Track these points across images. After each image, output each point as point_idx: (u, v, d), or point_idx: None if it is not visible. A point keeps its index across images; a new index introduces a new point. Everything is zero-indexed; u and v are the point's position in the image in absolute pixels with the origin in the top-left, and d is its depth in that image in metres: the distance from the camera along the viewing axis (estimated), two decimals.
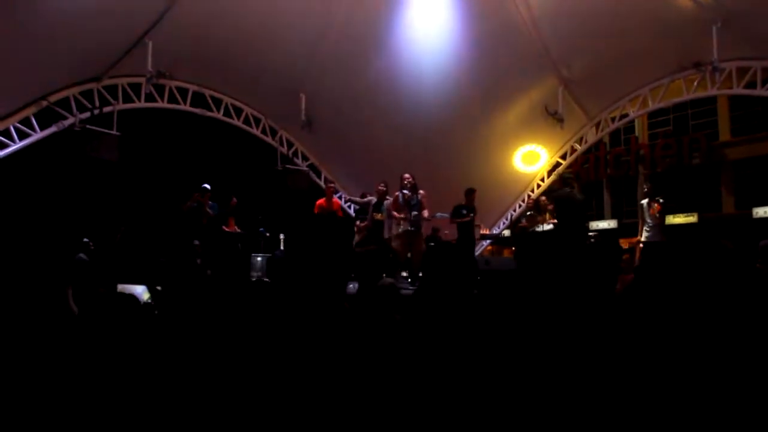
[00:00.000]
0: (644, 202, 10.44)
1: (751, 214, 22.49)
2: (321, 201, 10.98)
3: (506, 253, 19.19)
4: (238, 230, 11.13)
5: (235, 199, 11.50)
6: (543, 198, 11.98)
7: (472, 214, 10.88)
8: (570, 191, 9.60)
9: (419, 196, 9.21)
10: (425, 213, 9.30)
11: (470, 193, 11.05)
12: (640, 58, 12.07)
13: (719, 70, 11.24)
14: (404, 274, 9.58)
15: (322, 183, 15.75)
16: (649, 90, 13.31)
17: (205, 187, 10.30)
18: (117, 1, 9.60)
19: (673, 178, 24.70)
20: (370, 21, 11.98)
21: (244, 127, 14.09)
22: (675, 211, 24.31)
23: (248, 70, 12.51)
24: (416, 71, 12.49)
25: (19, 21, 8.85)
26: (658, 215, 10.12)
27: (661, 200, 10.20)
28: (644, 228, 10.26)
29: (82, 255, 10.24)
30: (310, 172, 15.25)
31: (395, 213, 9.23)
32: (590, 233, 11.81)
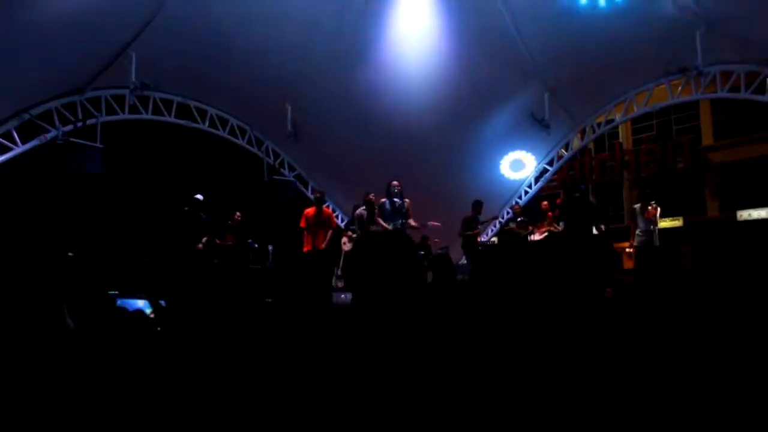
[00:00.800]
0: (637, 206, 10.39)
1: (735, 217, 22.69)
2: (310, 210, 10.24)
3: None
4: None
5: (239, 215, 11.33)
6: (544, 203, 11.93)
7: (481, 225, 11.06)
8: (580, 195, 9.53)
9: (406, 204, 9.15)
10: (411, 221, 9.22)
11: (477, 205, 11.08)
12: (626, 64, 12.13)
13: (703, 74, 11.33)
14: None
15: (309, 193, 15.67)
16: (634, 95, 13.38)
17: (197, 198, 10.00)
18: (99, 12, 9.47)
19: (657, 183, 24.87)
20: (355, 30, 11.94)
21: (230, 138, 13.99)
22: (660, 216, 24.43)
23: (233, 81, 12.41)
24: (402, 80, 12.47)
25: None
26: (653, 218, 10.11)
27: (654, 203, 10.18)
28: (636, 232, 10.20)
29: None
30: (297, 183, 15.16)
31: (381, 221, 9.13)
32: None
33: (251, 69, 12.02)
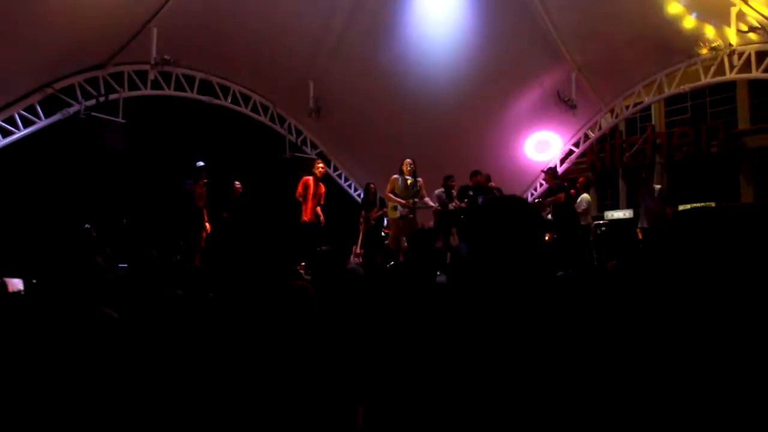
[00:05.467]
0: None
1: None
2: (308, 179, 10.53)
3: None
4: None
5: (239, 185, 11.28)
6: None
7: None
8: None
9: (419, 183, 9.13)
10: (426, 199, 9.23)
11: (474, 174, 10.87)
12: (655, 42, 11.76)
13: (737, 53, 10.93)
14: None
15: (331, 171, 15.63)
16: (664, 75, 12.95)
17: (200, 165, 9.91)
18: None
19: (690, 167, 24.28)
20: (378, 6, 11.83)
21: (252, 114, 13.98)
22: (692, 200, 23.92)
23: (256, 58, 12.39)
24: (426, 57, 12.32)
25: (23, 7, 8.77)
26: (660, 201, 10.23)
27: (658, 186, 10.34)
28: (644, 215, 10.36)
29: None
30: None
31: (391, 195, 9.09)
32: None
33: (274, 45, 11.99)
